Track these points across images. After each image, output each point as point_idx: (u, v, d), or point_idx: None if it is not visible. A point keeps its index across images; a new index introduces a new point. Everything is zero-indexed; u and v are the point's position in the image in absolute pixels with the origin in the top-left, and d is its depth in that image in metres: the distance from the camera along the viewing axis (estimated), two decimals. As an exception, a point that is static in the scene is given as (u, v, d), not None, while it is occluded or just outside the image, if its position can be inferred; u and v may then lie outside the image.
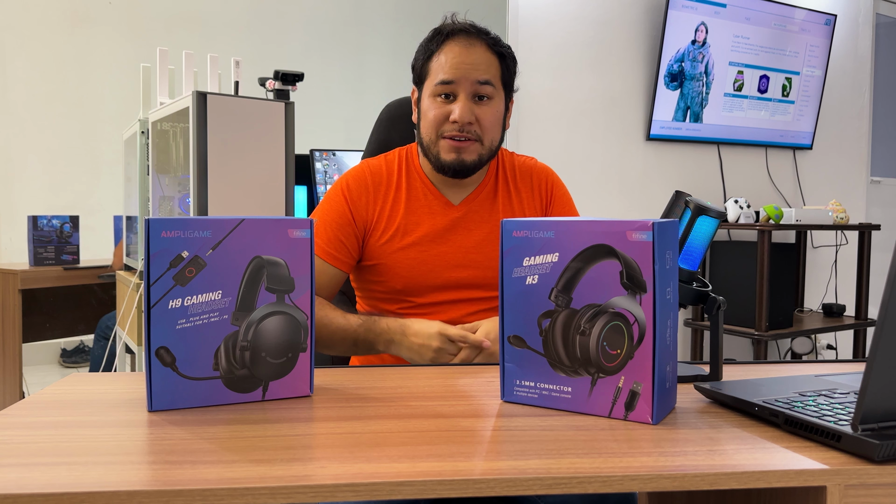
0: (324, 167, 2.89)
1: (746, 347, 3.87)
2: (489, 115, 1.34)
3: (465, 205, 1.40)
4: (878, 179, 4.60)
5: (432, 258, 1.36)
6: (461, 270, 1.36)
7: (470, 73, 1.31)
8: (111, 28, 4.73)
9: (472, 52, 1.32)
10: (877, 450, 0.67)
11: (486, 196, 1.42)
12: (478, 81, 1.32)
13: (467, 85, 1.32)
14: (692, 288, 0.97)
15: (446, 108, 1.33)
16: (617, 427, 0.79)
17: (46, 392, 0.92)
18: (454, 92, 1.32)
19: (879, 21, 4.39)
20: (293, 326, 0.90)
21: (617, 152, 3.45)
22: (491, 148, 1.37)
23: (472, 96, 1.32)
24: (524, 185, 1.45)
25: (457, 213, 1.39)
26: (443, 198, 1.40)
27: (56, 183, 4.58)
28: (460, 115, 1.31)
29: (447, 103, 1.33)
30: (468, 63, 1.32)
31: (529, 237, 0.86)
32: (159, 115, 2.24)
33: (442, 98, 1.33)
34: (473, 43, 1.33)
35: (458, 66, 1.31)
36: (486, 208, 1.41)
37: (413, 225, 1.37)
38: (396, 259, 1.36)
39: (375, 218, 1.38)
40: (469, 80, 1.31)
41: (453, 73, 1.31)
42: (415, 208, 1.39)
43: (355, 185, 1.40)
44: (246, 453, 0.69)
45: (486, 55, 1.34)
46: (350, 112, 5.19)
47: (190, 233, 0.84)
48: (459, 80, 1.31)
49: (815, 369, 1.04)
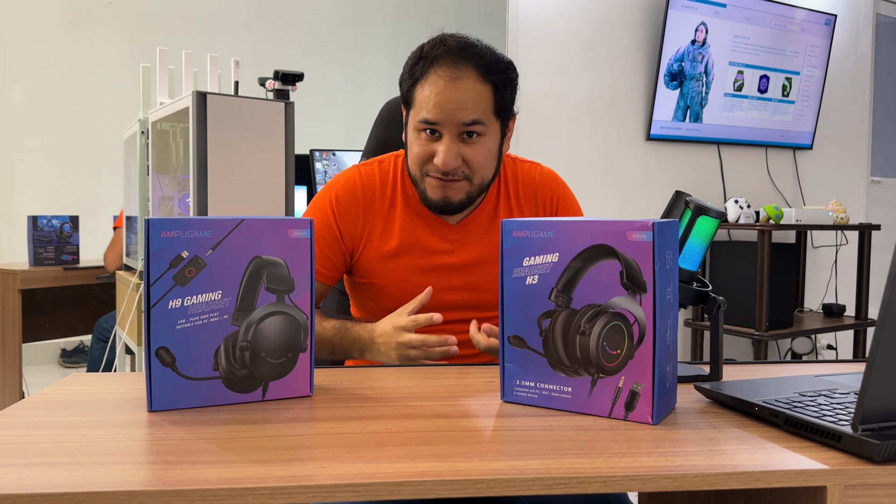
0: (324, 167, 2.89)
1: (746, 347, 3.87)
2: (479, 155, 1.22)
3: (464, 225, 1.32)
4: (878, 179, 4.60)
5: (427, 280, 1.27)
6: (456, 293, 1.29)
7: (455, 115, 1.18)
8: (111, 28, 4.73)
9: (459, 88, 1.18)
10: (877, 450, 0.67)
11: (486, 215, 1.33)
12: (463, 123, 1.19)
13: (451, 126, 1.19)
14: (692, 288, 0.97)
15: (430, 147, 1.21)
16: (617, 427, 0.79)
17: (46, 392, 0.92)
18: (438, 131, 1.21)
19: (879, 21, 4.39)
20: (293, 326, 0.90)
21: (617, 152, 3.45)
22: (482, 185, 1.26)
23: (459, 135, 1.20)
24: (527, 202, 1.36)
25: (454, 235, 1.32)
26: (438, 218, 1.31)
27: (56, 183, 4.58)
28: (443, 162, 1.19)
29: (432, 140, 1.21)
30: (453, 102, 1.18)
31: (529, 237, 0.86)
32: (159, 115, 2.24)
33: (427, 134, 1.21)
34: (461, 73, 1.18)
35: (441, 105, 1.18)
36: (486, 228, 1.33)
37: (407, 245, 1.30)
38: (389, 279, 1.30)
39: (367, 235, 1.31)
40: (454, 122, 1.19)
41: (437, 113, 1.18)
42: (409, 228, 1.30)
43: (345, 198, 1.31)
44: (246, 453, 0.69)
45: (475, 88, 1.19)
46: (350, 112, 5.19)
47: (190, 233, 0.84)
48: (443, 121, 1.19)
49: (815, 369, 1.04)
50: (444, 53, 1.19)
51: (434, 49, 1.20)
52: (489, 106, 1.21)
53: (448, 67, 1.19)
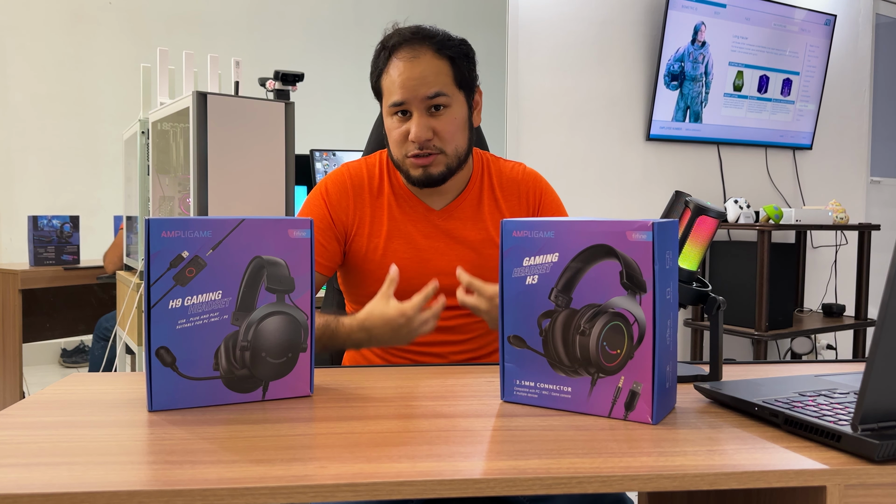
0: (324, 167, 2.89)
1: (746, 347, 3.87)
2: (447, 125, 1.31)
3: (449, 211, 1.38)
4: (878, 179, 4.60)
5: (416, 265, 1.33)
6: (445, 278, 1.30)
7: (418, 90, 1.28)
8: (111, 28, 4.73)
9: (418, 65, 1.28)
10: (877, 450, 0.67)
11: (469, 203, 1.39)
12: (427, 97, 1.28)
13: (417, 102, 1.29)
14: (692, 288, 0.97)
15: (404, 127, 1.30)
16: (617, 427, 0.79)
17: (46, 392, 0.92)
18: (408, 110, 1.30)
19: (879, 21, 4.39)
20: (293, 326, 0.90)
21: (617, 152, 3.45)
22: (458, 155, 1.34)
23: (427, 109, 1.29)
24: (511, 194, 1.42)
25: (440, 220, 1.37)
26: (424, 205, 1.38)
27: (56, 183, 4.58)
28: (415, 135, 1.28)
29: (404, 120, 1.31)
30: (415, 79, 1.28)
31: (529, 237, 0.86)
32: (159, 115, 2.24)
33: (399, 116, 1.31)
34: (418, 53, 1.29)
35: (404, 84, 1.28)
36: (469, 216, 1.39)
37: (395, 231, 1.36)
38: (378, 265, 1.34)
39: (357, 223, 1.36)
40: (418, 97, 1.28)
41: (402, 93, 1.28)
42: (397, 216, 1.37)
43: (335, 189, 1.38)
44: (246, 453, 0.69)
45: (433, 64, 1.29)
46: (350, 112, 5.19)
47: (190, 233, 0.84)
48: (409, 99, 1.28)
49: (815, 369, 1.05)
50: (400, 40, 1.31)
51: (391, 39, 1.32)
52: (449, 78, 1.31)
53: (406, 50, 1.30)
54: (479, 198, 1.40)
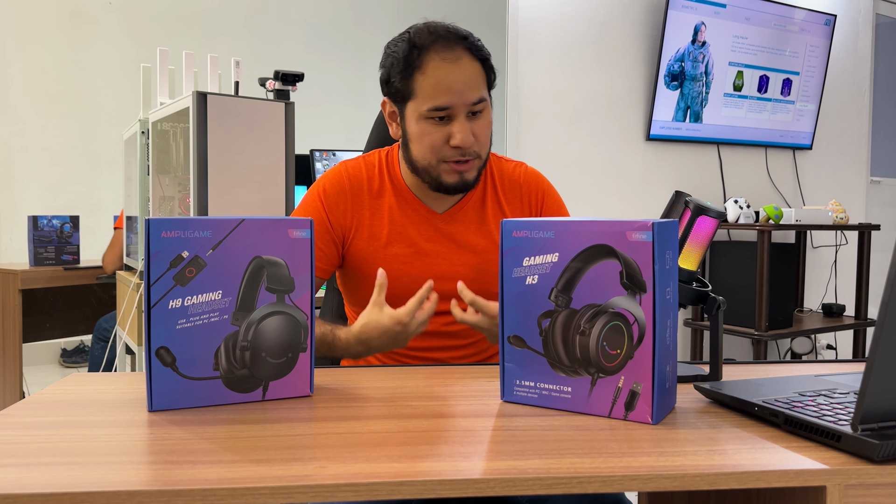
0: (324, 167, 2.89)
1: (746, 347, 3.87)
2: (485, 129, 1.28)
3: (451, 215, 1.35)
4: (878, 179, 4.60)
5: (416, 269, 1.30)
6: (446, 282, 1.27)
7: (465, 95, 1.22)
8: (111, 28, 4.73)
9: (460, 68, 1.22)
10: (877, 450, 0.67)
11: (472, 205, 1.36)
12: (472, 102, 1.23)
13: (463, 108, 1.23)
14: (692, 288, 0.97)
15: (444, 130, 1.24)
16: (617, 427, 0.79)
17: (46, 392, 0.92)
18: (451, 115, 1.24)
19: (879, 21, 4.39)
20: (293, 326, 0.90)
21: (617, 152, 3.45)
22: (486, 158, 1.32)
23: (468, 114, 1.25)
24: (514, 196, 1.39)
25: (442, 223, 1.34)
26: (426, 207, 1.34)
27: (56, 183, 4.58)
28: (463, 141, 1.23)
29: (443, 125, 1.24)
30: (462, 82, 1.22)
31: (529, 237, 0.86)
32: (159, 115, 2.24)
33: (436, 120, 1.24)
34: (458, 55, 1.22)
35: (450, 89, 1.22)
36: (472, 219, 1.35)
37: (396, 234, 1.32)
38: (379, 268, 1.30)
39: (356, 226, 1.33)
40: (464, 102, 1.23)
41: (448, 97, 1.22)
42: (397, 217, 1.33)
43: (332, 190, 1.34)
44: (246, 453, 0.69)
45: (473, 67, 1.24)
46: (350, 112, 5.19)
47: (190, 233, 0.84)
48: (456, 104, 1.22)
49: (815, 369, 1.05)
50: (435, 38, 1.23)
51: (423, 37, 1.24)
52: (484, 82, 1.27)
53: (446, 51, 1.22)
54: (482, 200, 1.37)
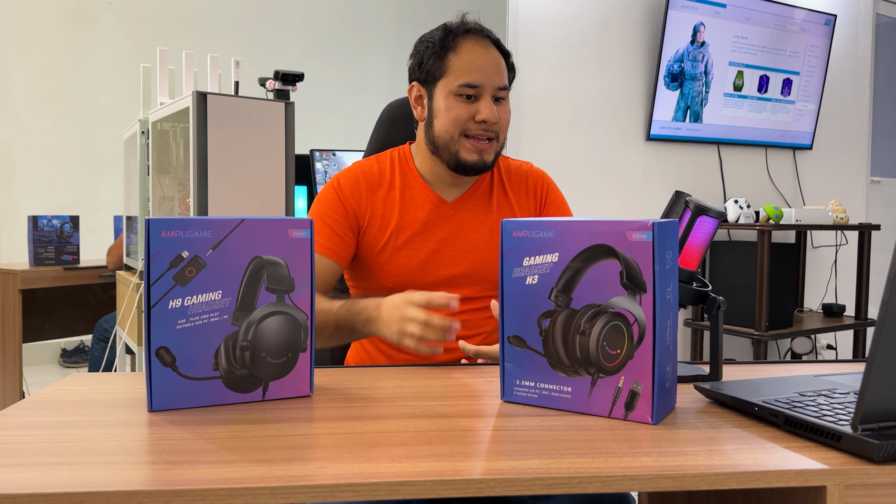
0: (324, 167, 2.89)
1: (746, 347, 3.87)
2: (507, 115, 1.38)
3: (460, 203, 1.41)
4: (878, 179, 4.60)
5: (425, 255, 1.36)
6: (454, 268, 1.36)
7: (494, 78, 1.33)
8: (111, 28, 4.73)
9: (491, 55, 1.34)
10: (877, 450, 0.67)
11: (480, 195, 1.43)
12: (499, 87, 1.34)
13: (491, 88, 1.33)
14: (692, 288, 0.97)
15: (471, 107, 1.33)
16: (617, 427, 0.79)
17: (46, 392, 0.92)
18: (478, 94, 1.33)
19: (879, 21, 4.39)
20: (293, 326, 0.90)
21: (617, 152, 3.45)
22: (503, 144, 1.40)
23: (493, 98, 1.34)
24: (520, 188, 1.46)
25: (451, 211, 1.40)
26: (436, 195, 1.40)
27: (56, 183, 4.58)
28: (489, 116, 1.32)
29: (470, 103, 1.33)
30: (493, 64, 1.34)
31: (529, 237, 0.86)
32: (159, 115, 2.24)
33: (464, 98, 1.33)
34: (487, 43, 1.35)
35: (482, 68, 1.33)
36: (480, 208, 1.42)
37: (407, 223, 1.38)
38: (390, 257, 1.36)
39: (369, 215, 1.38)
40: (493, 84, 1.33)
41: (480, 76, 1.32)
42: (409, 206, 1.39)
43: (347, 183, 1.40)
44: (246, 453, 0.69)
45: (499, 58, 1.36)
46: (350, 112, 5.19)
47: (190, 233, 0.84)
48: (486, 83, 1.32)
49: (815, 369, 1.05)
50: (469, 28, 1.36)
51: (458, 26, 1.36)
52: (506, 75, 1.38)
53: (479, 37, 1.35)
54: (489, 191, 1.44)
